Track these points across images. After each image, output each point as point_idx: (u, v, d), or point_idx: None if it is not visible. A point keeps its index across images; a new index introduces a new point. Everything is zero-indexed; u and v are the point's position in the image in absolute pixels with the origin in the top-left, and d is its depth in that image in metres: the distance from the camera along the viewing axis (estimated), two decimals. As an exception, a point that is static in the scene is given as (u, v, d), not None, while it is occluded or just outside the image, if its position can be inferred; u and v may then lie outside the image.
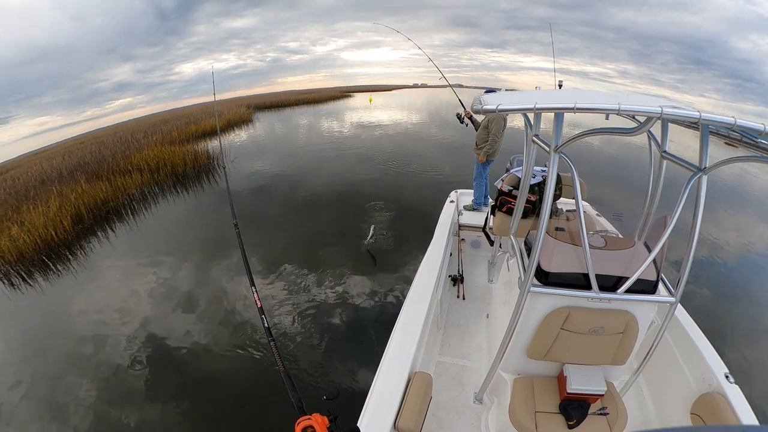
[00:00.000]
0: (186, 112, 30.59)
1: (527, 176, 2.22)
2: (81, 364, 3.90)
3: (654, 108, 1.19)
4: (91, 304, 4.91)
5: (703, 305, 4.85)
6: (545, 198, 1.62)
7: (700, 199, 1.57)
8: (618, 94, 1.84)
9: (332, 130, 19.94)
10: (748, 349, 4.16)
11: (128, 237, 7.14)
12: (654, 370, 2.28)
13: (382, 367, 1.94)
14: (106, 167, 10.80)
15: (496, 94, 1.92)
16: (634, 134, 1.40)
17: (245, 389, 3.44)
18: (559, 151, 1.58)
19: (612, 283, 1.75)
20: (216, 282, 5.26)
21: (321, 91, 56.44)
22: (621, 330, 1.82)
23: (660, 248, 1.66)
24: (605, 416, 1.87)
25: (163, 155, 11.52)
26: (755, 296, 5.63)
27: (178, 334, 4.23)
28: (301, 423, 1.09)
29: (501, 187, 2.62)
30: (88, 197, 8.27)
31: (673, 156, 1.84)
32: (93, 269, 5.93)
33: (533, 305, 1.85)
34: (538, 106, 1.37)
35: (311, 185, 9.27)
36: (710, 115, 1.20)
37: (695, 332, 2.26)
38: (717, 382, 1.94)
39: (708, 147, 1.55)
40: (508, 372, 2.17)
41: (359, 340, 3.95)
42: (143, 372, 3.74)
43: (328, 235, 6.45)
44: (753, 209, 10.64)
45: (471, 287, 3.50)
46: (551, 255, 1.82)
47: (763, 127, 1.16)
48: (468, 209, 4.28)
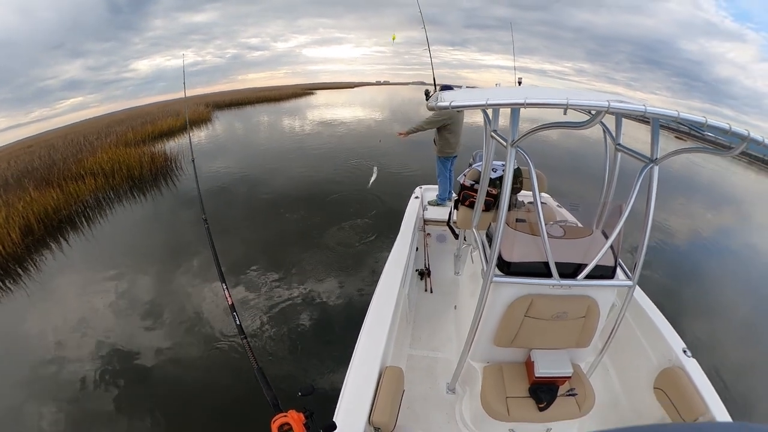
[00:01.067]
0: (142, 111, 29.20)
1: (486, 170, 2.29)
2: (41, 387, 3.65)
3: (602, 102, 1.26)
4: (47, 322, 4.60)
5: (659, 286, 5.19)
6: (503, 191, 1.68)
7: (652, 188, 1.67)
8: (569, 90, 1.92)
9: (294, 128, 19.72)
10: (701, 324, 4.50)
11: (84, 247, 6.73)
12: (617, 349, 2.40)
13: (353, 363, 1.95)
14: (57, 172, 10.11)
15: (453, 92, 1.96)
16: (584, 127, 1.47)
17: (219, 392, 3.36)
18: (516, 145, 1.63)
19: (572, 270, 1.83)
20: (179, 287, 5.08)
21: (282, 89, 55.56)
22: (583, 314, 1.91)
23: (616, 235, 1.76)
24: (574, 397, 1.95)
25: (118, 158, 10.90)
26: (704, 275, 6.10)
27: (144, 345, 4.04)
28: (277, 420, 1.07)
29: (463, 182, 2.68)
30: (37, 206, 7.71)
31: (626, 148, 1.95)
32: (47, 284, 5.55)
33: (497, 295, 1.91)
34: (489, 102, 1.42)
35: (273, 185, 9.13)
36: (655, 108, 1.28)
37: (654, 312, 2.40)
38: (676, 356, 2.08)
39: (659, 139, 1.65)
40: (478, 361, 2.22)
41: (328, 338, 3.94)
42: (110, 388, 3.55)
43: (291, 234, 6.38)
44: (700, 197, 11.46)
45: (438, 280, 3.54)
46: (512, 246, 1.88)
47: (705, 120, 1.25)
48: (432, 204, 4.35)
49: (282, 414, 1.09)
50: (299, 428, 1.06)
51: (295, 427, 1.05)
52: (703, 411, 1.81)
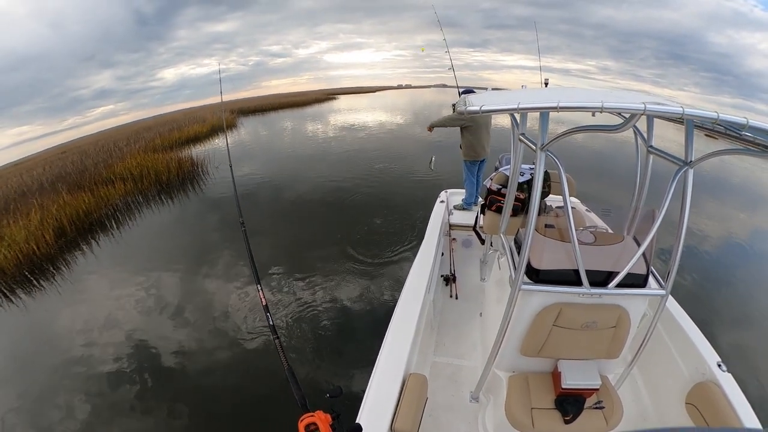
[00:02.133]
0: (169, 118, 30.15)
1: (515, 175, 2.23)
2: (71, 380, 3.79)
3: (637, 105, 1.20)
4: (78, 319, 4.78)
5: (693, 295, 4.95)
6: (533, 196, 1.62)
7: (687, 193, 1.59)
8: (601, 91, 1.85)
9: (317, 133, 19.97)
10: (738, 334, 4.27)
11: (113, 248, 6.98)
12: (648, 362, 2.30)
13: (377, 369, 1.93)
14: (88, 177, 10.56)
15: (482, 95, 1.93)
16: (618, 131, 1.41)
17: (247, 389, 3.43)
18: (545, 149, 1.58)
19: (603, 278, 1.76)
20: (206, 288, 5.19)
21: (305, 94, 56.27)
22: (613, 324, 1.83)
23: (649, 242, 1.68)
24: (601, 410, 1.88)
25: (147, 163, 11.29)
26: (741, 282, 5.78)
27: (171, 342, 4.15)
28: (305, 420, 1.09)
29: (490, 186, 2.63)
30: (70, 209, 8.06)
31: (659, 150, 1.86)
32: (78, 283, 5.79)
33: (525, 303, 1.86)
34: (521, 105, 1.37)
35: (297, 189, 9.23)
36: (693, 110, 1.21)
37: (687, 323, 2.29)
38: (710, 371, 1.96)
39: (693, 141, 1.57)
40: (503, 370, 2.17)
41: (355, 341, 3.94)
42: (138, 383, 3.65)
43: (317, 238, 6.41)
44: (733, 197, 10.93)
45: (464, 286, 3.50)
46: (541, 252, 1.83)
47: (746, 121, 1.18)
48: (458, 209, 4.29)
49: (309, 414, 1.11)
50: (326, 429, 1.07)
51: (321, 427, 1.07)
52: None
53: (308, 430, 1.07)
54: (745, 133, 1.29)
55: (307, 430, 1.07)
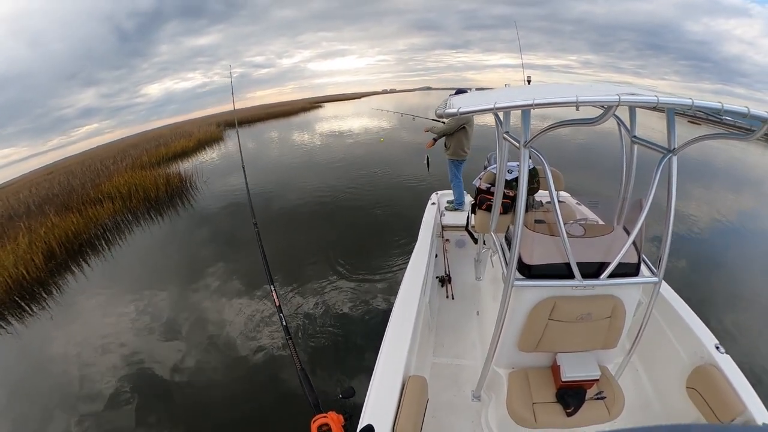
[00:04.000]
0: (156, 134, 29.88)
1: (501, 173, 2.25)
2: (66, 405, 3.71)
3: (612, 97, 1.22)
4: (71, 343, 4.70)
5: (687, 279, 5.02)
6: (519, 193, 1.64)
7: (672, 180, 1.61)
8: (580, 85, 1.88)
9: (304, 142, 20.09)
10: (733, 314, 4.34)
11: (104, 269, 6.88)
12: (646, 349, 2.32)
13: (376, 373, 1.92)
14: (76, 198, 10.42)
15: (460, 96, 1.94)
16: (597, 123, 1.43)
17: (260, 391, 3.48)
18: (528, 146, 1.59)
19: (595, 269, 1.78)
20: (202, 303, 5.14)
21: (291, 104, 56.41)
22: (609, 314, 1.85)
23: (638, 231, 1.70)
24: (602, 400, 1.88)
25: (134, 181, 11.17)
26: (732, 263, 5.88)
27: (167, 359, 4.10)
28: (317, 421, 1.10)
29: (479, 185, 2.64)
30: (59, 231, 7.93)
31: (642, 140, 1.89)
32: (70, 306, 5.68)
33: (519, 299, 1.87)
34: (497, 105, 1.39)
35: (287, 199, 9.22)
36: (668, 98, 1.23)
37: (682, 307, 2.31)
38: (708, 353, 1.99)
39: (675, 128, 1.59)
40: (502, 367, 2.18)
41: (355, 346, 3.95)
42: (136, 404, 3.60)
43: (310, 246, 6.41)
44: (718, 181, 11.12)
45: (459, 286, 3.51)
46: (532, 248, 1.84)
47: (721, 105, 1.20)
48: (449, 209, 4.31)
49: (322, 415, 1.12)
50: (338, 429, 1.09)
51: (333, 428, 1.09)
52: (741, 410, 1.72)
53: (321, 431, 1.08)
54: (726, 118, 1.31)
55: (320, 431, 1.08)
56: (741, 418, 1.71)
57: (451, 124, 4.29)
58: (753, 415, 1.69)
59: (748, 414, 1.70)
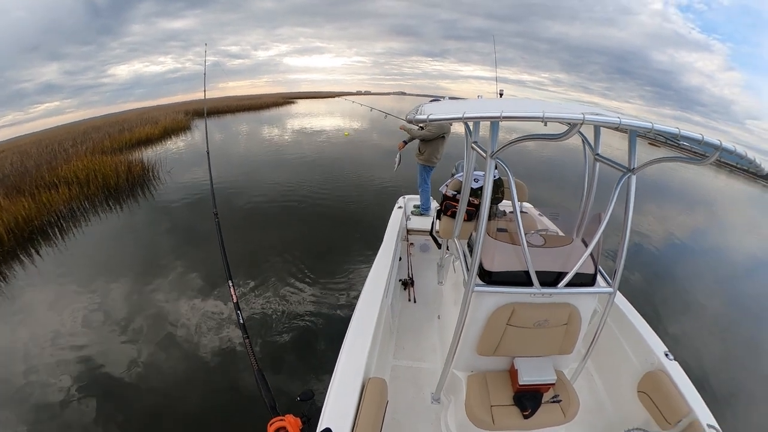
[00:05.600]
0: (120, 118, 28.38)
1: (467, 181, 2.31)
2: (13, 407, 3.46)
3: (577, 115, 1.28)
4: (16, 338, 4.39)
5: (640, 290, 5.34)
6: (482, 201, 1.69)
7: (630, 197, 1.71)
8: (546, 102, 1.96)
9: (273, 137, 19.78)
10: (680, 323, 4.66)
11: (57, 259, 6.46)
12: (600, 355, 2.44)
13: (336, 375, 1.92)
14: (29, 180, 9.71)
15: (433, 104, 1.98)
16: (562, 139, 1.49)
17: (216, 392, 3.37)
18: (495, 156, 1.65)
19: (553, 278, 1.86)
20: (157, 299, 4.95)
21: (264, 97, 55.11)
22: (565, 321, 1.93)
23: (596, 243, 1.79)
24: (558, 403, 1.97)
25: (94, 166, 10.54)
26: (682, 276, 6.30)
27: (120, 356, 3.91)
28: (274, 424, 1.07)
29: (445, 192, 2.70)
30: (8, 215, 7.37)
31: (605, 158, 1.99)
32: (17, 298, 5.30)
33: (479, 304, 1.92)
34: (466, 115, 1.43)
35: (251, 194, 9.04)
36: (629, 120, 1.31)
37: (635, 317, 2.46)
38: (658, 360, 2.13)
39: (636, 149, 1.69)
40: (461, 370, 2.22)
41: (315, 347, 3.91)
42: (83, 404, 3.40)
43: (273, 244, 6.31)
44: (672, 200, 11.87)
45: (422, 290, 3.55)
46: (493, 255, 1.90)
47: (678, 131, 1.29)
48: (415, 214, 4.36)
49: (279, 418, 1.09)
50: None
51: (291, 431, 1.04)
52: (687, 412, 1.85)
53: None
54: (683, 143, 1.41)
55: None
56: (686, 420, 1.85)
57: (432, 131, 4.32)
58: (698, 417, 1.82)
59: (693, 416, 1.83)
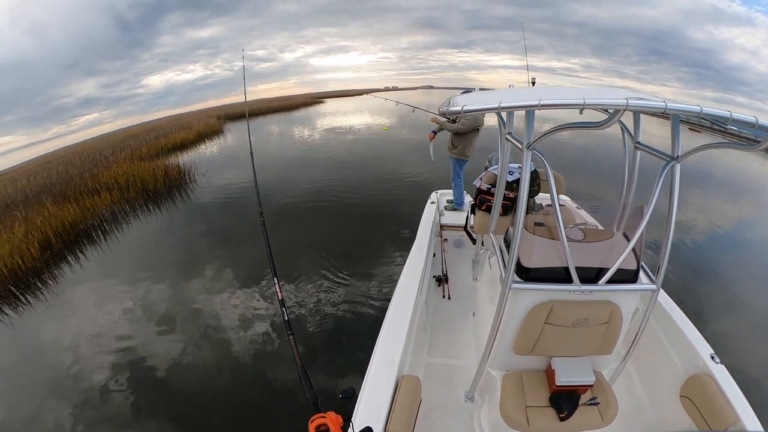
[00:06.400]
0: (155, 125, 29.73)
1: (503, 174, 2.23)
2: (59, 395, 3.69)
3: (620, 101, 1.20)
4: (65, 333, 4.68)
5: (685, 288, 5.02)
6: (520, 195, 1.62)
7: (674, 187, 1.60)
8: (584, 88, 1.87)
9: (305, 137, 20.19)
10: (725, 324, 4.35)
11: (101, 260, 6.84)
12: (641, 356, 2.31)
13: (370, 372, 1.91)
14: (74, 187, 10.34)
15: (466, 96, 1.93)
16: (602, 127, 1.41)
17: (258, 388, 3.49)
18: (531, 147, 1.58)
19: (593, 274, 1.77)
20: (198, 296, 5.13)
21: (292, 98, 56.36)
22: (605, 320, 1.84)
23: (638, 237, 1.69)
24: (596, 405, 1.88)
25: (133, 172, 11.09)
26: (730, 272, 5.89)
27: (163, 351, 4.10)
28: (315, 421, 1.07)
29: (480, 186, 2.62)
30: (55, 220, 7.88)
31: (646, 146, 1.88)
32: (65, 296, 5.66)
33: (516, 301, 1.86)
34: (503, 105, 1.37)
35: (286, 193, 9.20)
36: (676, 104, 1.21)
37: (679, 316, 2.31)
38: (704, 363, 1.98)
39: (679, 135, 1.58)
40: (497, 369, 2.17)
41: (350, 344, 3.95)
42: (132, 396, 3.58)
43: (306, 241, 6.39)
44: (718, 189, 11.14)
45: (456, 287, 3.49)
46: (530, 250, 1.82)
47: (730, 114, 1.18)
48: (449, 209, 4.29)
49: (320, 414, 1.09)
50: (336, 430, 1.06)
51: (332, 428, 1.06)
52: (734, 420, 1.72)
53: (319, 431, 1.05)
54: (730, 127, 1.30)
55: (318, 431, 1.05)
56: (734, 428, 1.72)
57: (467, 123, 4.21)
58: (745, 426, 1.69)
59: (741, 424, 1.70)
